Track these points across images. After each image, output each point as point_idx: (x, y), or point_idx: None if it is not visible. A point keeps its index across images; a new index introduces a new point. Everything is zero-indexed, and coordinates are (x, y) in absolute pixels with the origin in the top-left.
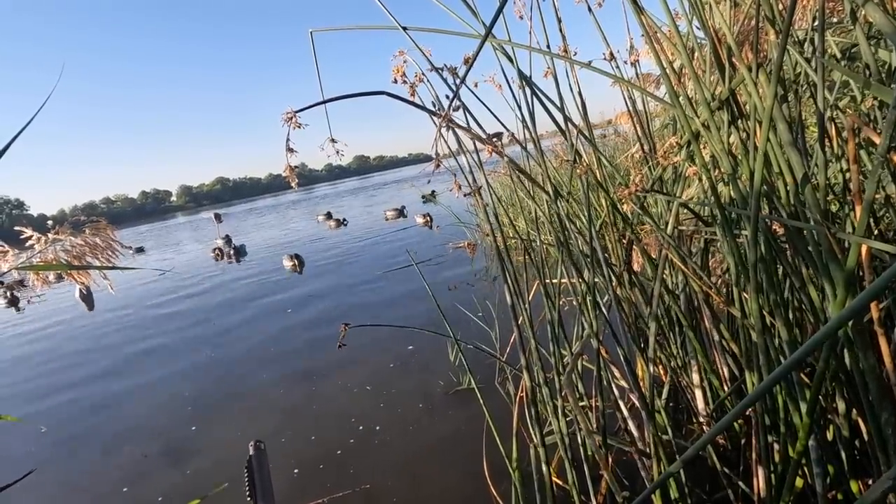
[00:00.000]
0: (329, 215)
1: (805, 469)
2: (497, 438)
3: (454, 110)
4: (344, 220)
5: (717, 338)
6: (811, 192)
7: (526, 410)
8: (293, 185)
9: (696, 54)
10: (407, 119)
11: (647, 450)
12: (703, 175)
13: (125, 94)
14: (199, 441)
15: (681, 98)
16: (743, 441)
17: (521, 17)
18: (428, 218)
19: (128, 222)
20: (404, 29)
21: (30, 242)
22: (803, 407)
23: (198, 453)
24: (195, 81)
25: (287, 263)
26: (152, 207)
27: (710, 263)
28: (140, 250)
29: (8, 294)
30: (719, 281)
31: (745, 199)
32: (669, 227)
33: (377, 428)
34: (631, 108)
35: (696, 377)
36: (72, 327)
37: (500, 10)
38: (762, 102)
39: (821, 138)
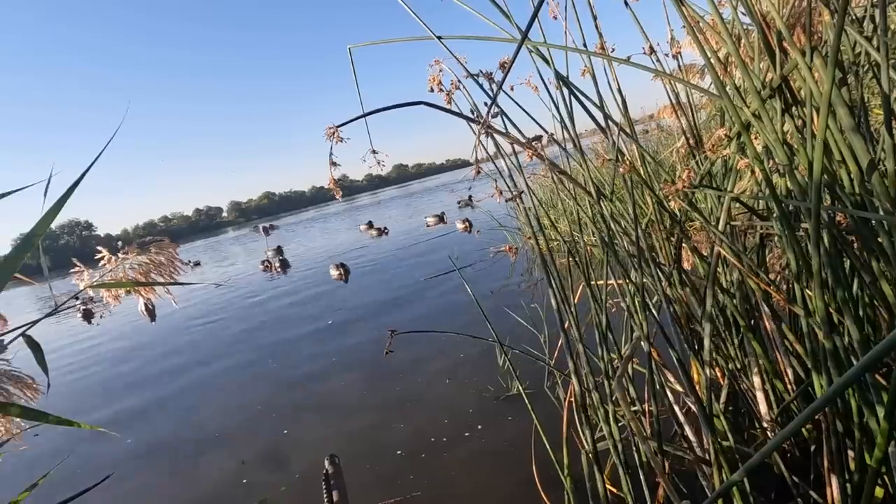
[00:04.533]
0: (370, 224)
1: (885, 478)
2: (547, 445)
3: (493, 116)
4: (385, 228)
5: (778, 338)
6: (879, 179)
7: (576, 416)
8: (337, 196)
9: (741, 42)
10: (444, 126)
11: (707, 456)
12: (756, 167)
13: (175, 109)
14: (292, 445)
15: (728, 88)
16: (813, 447)
17: (556, 18)
18: (468, 223)
19: (184, 238)
20: (439, 38)
21: (102, 263)
22: (880, 411)
23: (294, 457)
24: (238, 96)
25: (333, 273)
26: (205, 223)
27: (767, 259)
28: (197, 264)
29: (81, 309)
30: (778, 277)
31: (803, 191)
32: (721, 223)
33: (427, 435)
34: (675, 102)
35: (757, 380)
36: (138, 338)
37: (535, 15)
38: (818, 87)
39: (887, 121)
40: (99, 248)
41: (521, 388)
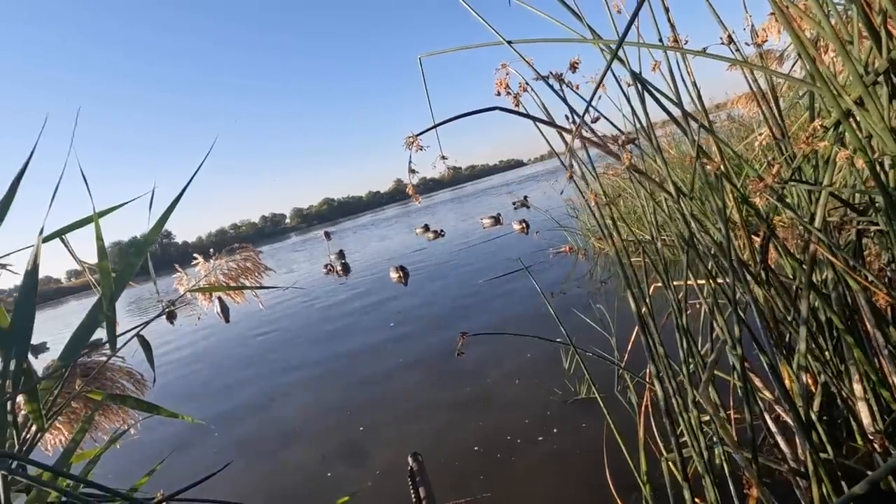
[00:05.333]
0: (426, 227)
1: None
2: (624, 450)
3: (593, 121)
4: (441, 230)
5: (881, 342)
6: None
7: (653, 421)
8: (417, 202)
9: (836, 25)
10: (495, 127)
11: (803, 469)
12: (860, 158)
13: (241, 121)
14: (370, 442)
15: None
16: None
17: (620, 12)
18: (524, 224)
19: (251, 244)
20: (509, 43)
21: (198, 269)
22: None
23: (373, 453)
24: (293, 108)
25: (393, 275)
26: (270, 229)
27: (865, 257)
28: (266, 269)
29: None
30: (879, 276)
31: None
32: (818, 219)
33: (499, 437)
34: (757, 91)
35: (858, 388)
36: (215, 338)
37: (631, 20)
38: None
39: None
40: (195, 255)
41: (595, 391)
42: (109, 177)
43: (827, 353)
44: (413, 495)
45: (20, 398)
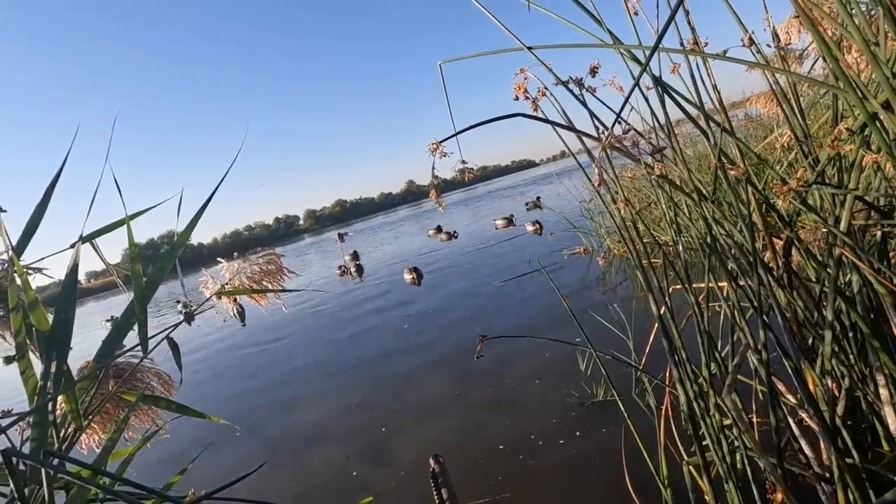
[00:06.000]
0: (439, 229)
1: None
2: (645, 454)
3: (617, 136)
4: (454, 232)
5: None
6: None
7: (673, 425)
8: (440, 208)
9: (859, 25)
10: (508, 128)
11: (828, 474)
12: (887, 162)
13: (258, 125)
14: (392, 442)
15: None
16: None
17: (637, 13)
18: (538, 225)
19: (265, 245)
20: (529, 49)
21: (223, 272)
22: None
23: (396, 454)
24: (309, 110)
25: (407, 277)
26: (284, 231)
27: (890, 259)
28: (288, 271)
29: (183, 311)
30: None
31: None
32: (843, 222)
33: (517, 439)
34: (777, 91)
35: (884, 392)
36: (232, 340)
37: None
38: None
39: None
40: (219, 258)
41: (615, 393)
42: (130, 177)
43: (851, 356)
44: (436, 496)
45: (59, 398)
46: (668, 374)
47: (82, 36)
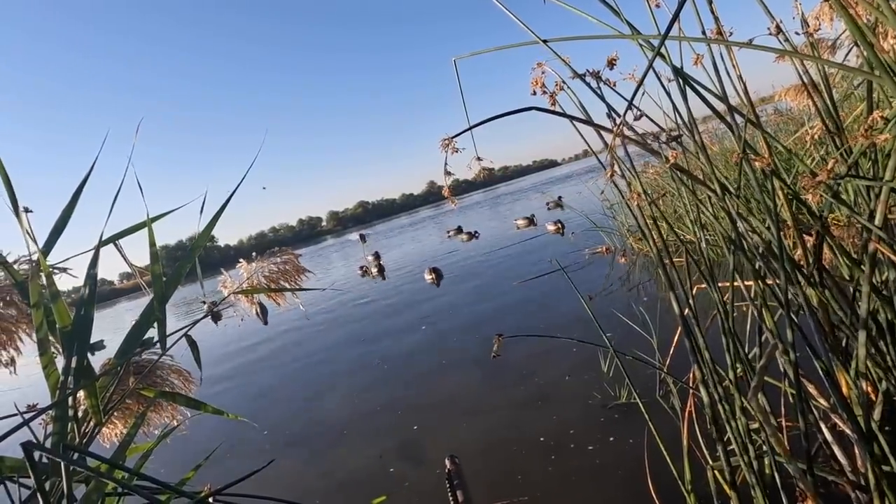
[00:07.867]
0: (460, 229)
1: None
2: (668, 458)
3: (629, 123)
4: (475, 232)
5: None
6: None
7: (697, 428)
8: (454, 205)
9: None
10: (529, 127)
11: (863, 481)
12: None
13: (279, 126)
14: (424, 441)
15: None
16: None
17: (658, 6)
18: (559, 225)
19: (289, 246)
20: (545, 42)
21: (241, 272)
22: None
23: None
24: (330, 112)
25: (427, 277)
26: (307, 233)
27: None
28: (305, 271)
29: (211, 311)
30: None
31: None
32: (878, 217)
33: (538, 441)
34: (808, 83)
35: None
36: (254, 338)
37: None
38: None
39: None
40: (240, 259)
41: (637, 396)
42: (158, 177)
43: (889, 358)
44: (451, 497)
45: (80, 393)
46: (691, 375)
47: (123, 38)
